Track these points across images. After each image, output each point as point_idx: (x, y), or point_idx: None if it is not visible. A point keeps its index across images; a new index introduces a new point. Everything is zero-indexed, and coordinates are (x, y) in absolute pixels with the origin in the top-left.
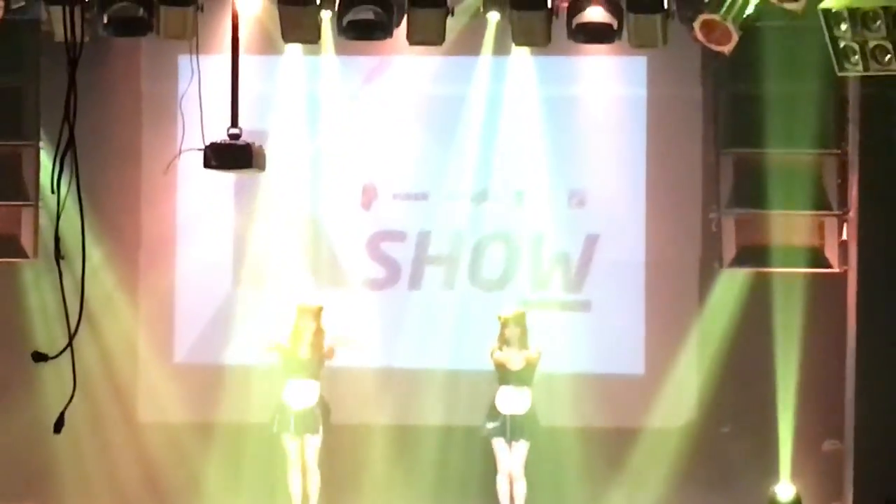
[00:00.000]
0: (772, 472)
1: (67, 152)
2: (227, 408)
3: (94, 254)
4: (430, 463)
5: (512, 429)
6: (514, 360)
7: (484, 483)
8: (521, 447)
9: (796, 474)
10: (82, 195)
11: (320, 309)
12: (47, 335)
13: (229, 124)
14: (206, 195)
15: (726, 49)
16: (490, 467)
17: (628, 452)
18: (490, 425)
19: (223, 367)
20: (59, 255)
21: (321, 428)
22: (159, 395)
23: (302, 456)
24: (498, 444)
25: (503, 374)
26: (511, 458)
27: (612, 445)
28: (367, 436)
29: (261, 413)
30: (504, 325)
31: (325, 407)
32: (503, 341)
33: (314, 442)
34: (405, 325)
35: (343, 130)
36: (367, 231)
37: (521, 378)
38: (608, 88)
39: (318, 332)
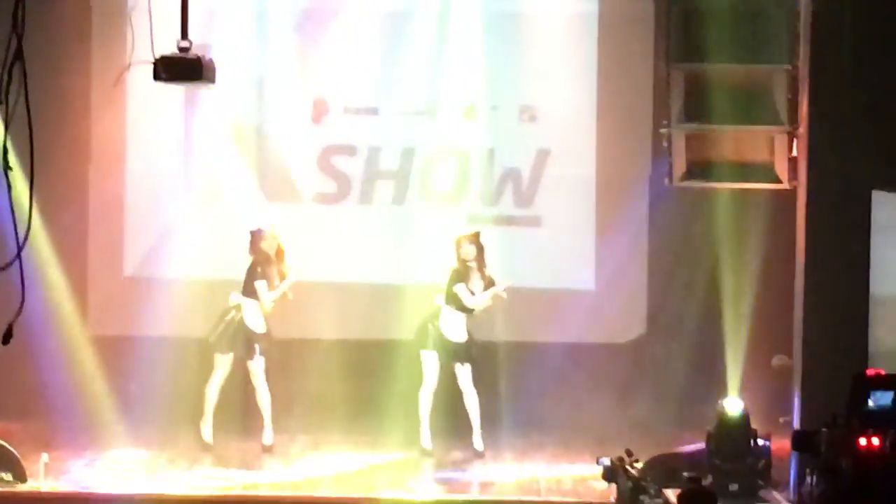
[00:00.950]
0: (720, 387)
1: (15, 64)
2: (176, 321)
3: (43, 166)
4: (379, 377)
5: (452, 353)
6: (479, 301)
7: (437, 397)
8: (466, 369)
9: (745, 389)
10: (31, 107)
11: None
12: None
13: (179, 37)
14: (156, 109)
15: None
16: (444, 384)
17: (579, 367)
18: (429, 341)
19: (173, 280)
20: (6, 167)
21: (261, 350)
22: (109, 309)
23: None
24: (429, 357)
25: (455, 296)
26: (459, 380)
27: (563, 360)
28: (317, 350)
29: (209, 327)
30: (458, 245)
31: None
32: (461, 262)
33: (259, 364)
34: (356, 239)
35: (293, 44)
36: (317, 145)
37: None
38: (560, 3)
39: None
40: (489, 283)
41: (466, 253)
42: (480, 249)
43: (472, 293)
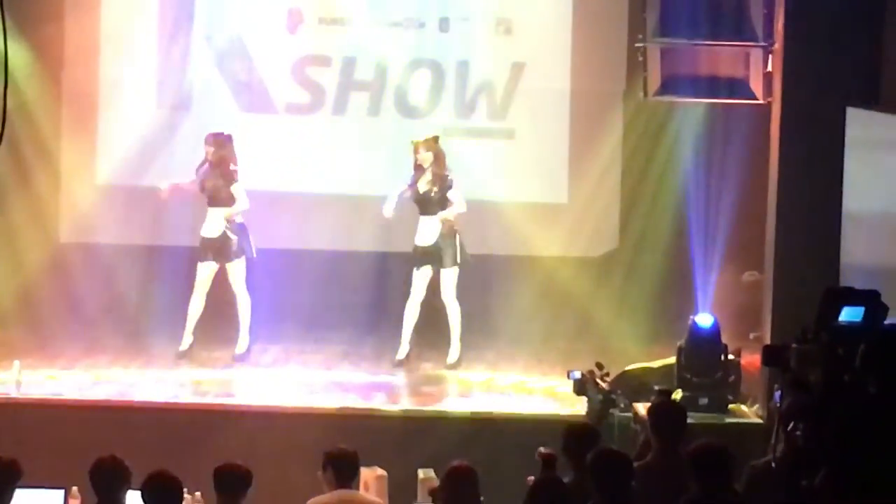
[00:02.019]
0: (692, 302)
1: None
2: (150, 230)
3: (16, 66)
4: (354, 288)
5: (428, 259)
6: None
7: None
8: (446, 275)
9: (716, 304)
10: (3, 11)
11: (221, 141)
12: None
13: None
14: (130, 16)
15: None
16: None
17: (551, 281)
18: (413, 256)
19: (146, 189)
20: None
21: (234, 254)
22: (81, 216)
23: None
24: (415, 273)
25: (417, 202)
26: (442, 288)
27: (535, 273)
28: (293, 260)
29: (184, 237)
30: (415, 150)
31: (242, 231)
32: (417, 168)
33: (238, 267)
34: (329, 150)
35: None
36: (292, 56)
37: (429, 206)
38: None
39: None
40: (445, 186)
41: (422, 159)
42: (437, 156)
43: (422, 194)
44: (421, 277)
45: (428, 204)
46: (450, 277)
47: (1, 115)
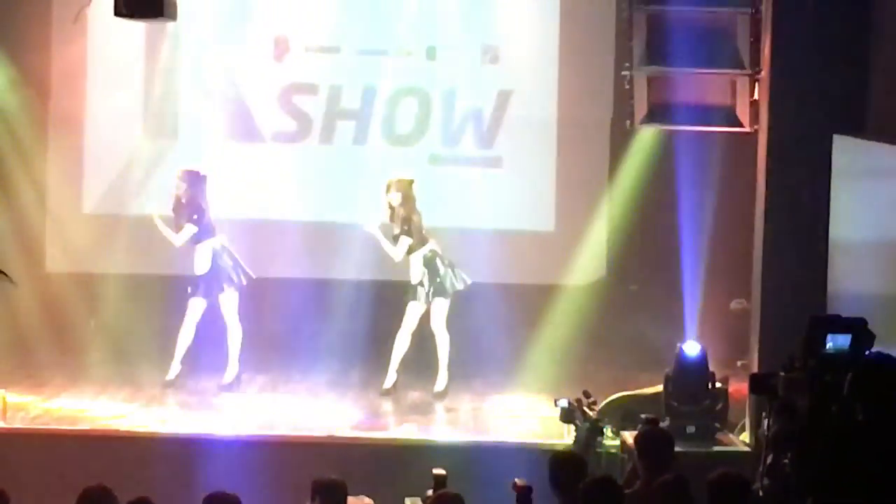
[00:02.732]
0: (679, 330)
1: None
2: (135, 258)
3: (2, 95)
4: (341, 316)
5: (416, 293)
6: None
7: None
8: (436, 306)
9: (703, 332)
10: None
11: (194, 179)
12: None
13: None
14: (117, 45)
15: None
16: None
17: (540, 309)
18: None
19: (132, 217)
20: None
21: (230, 284)
22: (67, 245)
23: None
24: (409, 306)
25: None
26: (431, 316)
27: (524, 302)
28: (280, 288)
29: (169, 265)
30: (387, 189)
31: (233, 261)
32: (388, 205)
33: (230, 297)
34: (316, 179)
35: None
36: (278, 84)
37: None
38: None
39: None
40: (405, 233)
41: (391, 198)
42: (406, 198)
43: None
44: (414, 310)
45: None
46: (441, 307)
47: None
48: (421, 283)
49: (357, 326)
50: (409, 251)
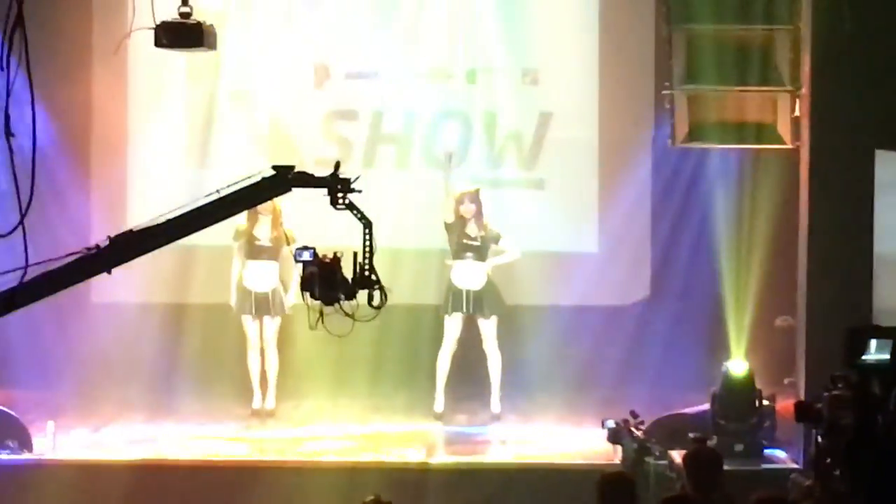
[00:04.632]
0: (725, 349)
1: (16, 29)
2: (180, 289)
3: (44, 133)
4: (387, 341)
5: (472, 303)
6: (470, 231)
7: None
8: (490, 323)
9: (749, 350)
10: (32, 73)
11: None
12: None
13: (180, 3)
14: (157, 76)
15: None
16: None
17: (582, 329)
18: (448, 301)
19: (177, 248)
20: (8, 133)
21: (279, 310)
22: (114, 276)
23: (261, 337)
24: (450, 321)
25: (457, 249)
26: (483, 338)
27: (567, 323)
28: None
29: (216, 294)
30: (459, 201)
31: (283, 289)
32: (459, 217)
33: (273, 324)
34: (359, 204)
35: (294, 9)
36: (319, 111)
37: (477, 253)
38: None
39: (276, 213)
40: (494, 238)
41: (464, 209)
42: (480, 206)
43: (467, 244)
44: (455, 321)
45: (476, 251)
46: (492, 326)
47: (30, 177)
48: (482, 294)
49: (402, 350)
50: (479, 259)
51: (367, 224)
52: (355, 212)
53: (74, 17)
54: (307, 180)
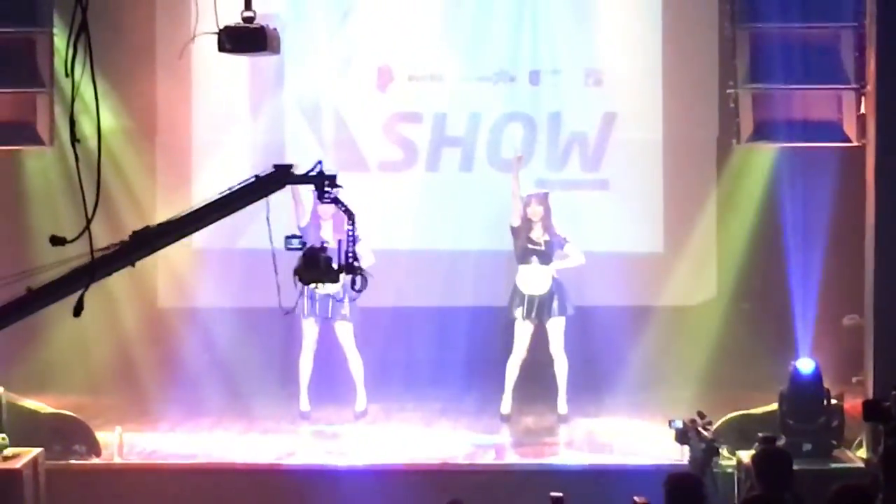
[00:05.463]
0: (792, 348)
1: (81, 35)
2: (245, 292)
3: (111, 137)
4: (451, 343)
5: (538, 308)
6: (536, 234)
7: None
8: (556, 324)
9: (817, 349)
10: (97, 79)
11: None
12: (64, 222)
13: (243, 7)
14: (221, 80)
15: None
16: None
17: (649, 331)
18: (516, 308)
19: (242, 251)
20: (74, 139)
21: (350, 313)
22: (178, 281)
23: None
24: (521, 326)
25: (523, 252)
26: (550, 339)
27: (633, 323)
28: (389, 318)
29: (283, 298)
30: (526, 204)
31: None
32: (526, 220)
33: (348, 327)
34: (423, 207)
35: (357, 12)
36: (383, 113)
37: (542, 257)
38: None
39: (339, 216)
40: (559, 243)
41: (532, 213)
42: (547, 210)
43: (533, 248)
44: (526, 328)
45: (541, 255)
46: (560, 327)
47: (96, 182)
48: (547, 296)
49: (467, 353)
50: (545, 263)
51: (351, 216)
52: (340, 205)
53: (138, 23)
54: (298, 178)
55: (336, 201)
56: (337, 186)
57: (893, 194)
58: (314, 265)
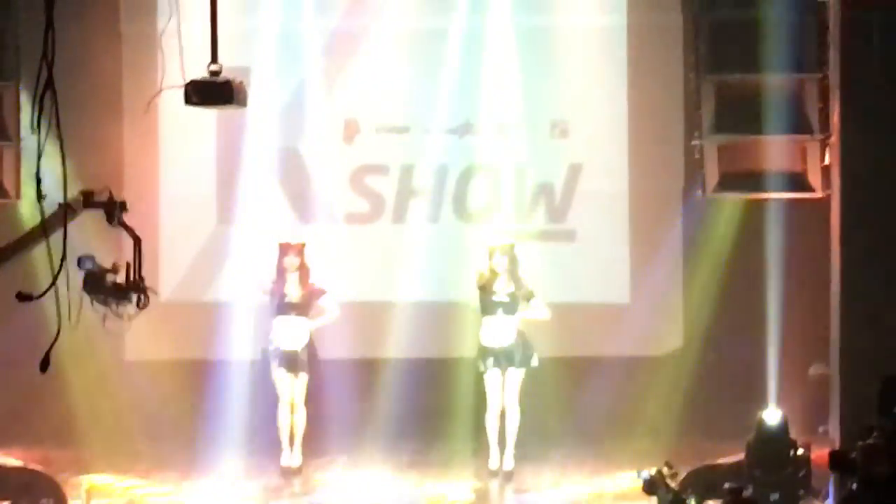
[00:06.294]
0: (759, 398)
1: (47, 91)
2: (213, 345)
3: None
4: (416, 395)
5: (505, 358)
6: (500, 286)
7: (475, 415)
8: (514, 376)
9: (783, 399)
10: (63, 134)
11: (303, 245)
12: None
13: (209, 61)
14: (188, 133)
15: None
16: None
17: (615, 381)
18: (483, 360)
19: (209, 304)
20: (40, 195)
21: (308, 367)
22: (146, 334)
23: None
24: (491, 379)
25: (486, 304)
26: (504, 389)
27: (599, 374)
28: (356, 370)
29: (248, 350)
30: (491, 255)
31: (312, 345)
32: (491, 272)
33: (302, 380)
34: (390, 258)
35: (324, 65)
36: (350, 165)
37: (507, 308)
38: (588, 17)
39: (304, 269)
40: (527, 295)
41: (496, 264)
42: (512, 261)
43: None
44: (496, 379)
45: (505, 306)
46: (517, 379)
47: (62, 239)
48: (512, 348)
49: (434, 405)
50: (509, 314)
51: (137, 240)
52: (127, 230)
53: (104, 77)
54: (92, 204)
55: (124, 225)
56: (125, 211)
57: (858, 244)
58: (100, 286)
